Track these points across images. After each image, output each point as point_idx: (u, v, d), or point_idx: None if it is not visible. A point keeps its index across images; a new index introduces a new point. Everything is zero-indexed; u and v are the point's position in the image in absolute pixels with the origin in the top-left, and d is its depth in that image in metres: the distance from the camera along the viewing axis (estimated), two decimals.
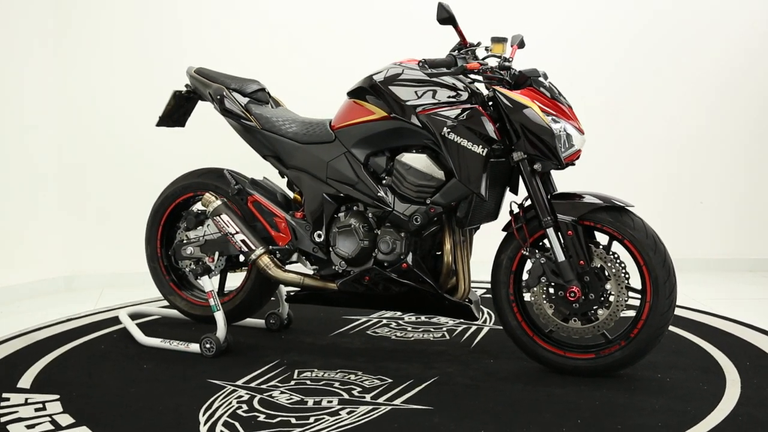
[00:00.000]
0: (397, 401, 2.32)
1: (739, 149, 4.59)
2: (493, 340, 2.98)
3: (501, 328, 2.70)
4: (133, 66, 4.16)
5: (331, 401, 2.32)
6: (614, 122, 4.55)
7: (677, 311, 3.27)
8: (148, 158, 4.13)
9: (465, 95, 2.53)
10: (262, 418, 2.20)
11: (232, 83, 2.86)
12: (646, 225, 2.45)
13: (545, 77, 2.55)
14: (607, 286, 2.46)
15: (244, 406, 2.28)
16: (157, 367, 2.66)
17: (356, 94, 2.67)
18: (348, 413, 2.22)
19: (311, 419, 2.18)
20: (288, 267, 2.82)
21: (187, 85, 2.99)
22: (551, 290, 2.50)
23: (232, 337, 2.83)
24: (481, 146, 2.45)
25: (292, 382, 2.49)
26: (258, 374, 2.57)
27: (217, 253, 2.86)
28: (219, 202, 2.78)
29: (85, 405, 2.31)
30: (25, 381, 2.51)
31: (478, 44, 2.62)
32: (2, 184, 3.87)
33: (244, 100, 2.84)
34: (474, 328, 3.14)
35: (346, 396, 2.36)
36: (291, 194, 2.90)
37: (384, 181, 2.63)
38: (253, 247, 2.74)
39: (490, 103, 2.54)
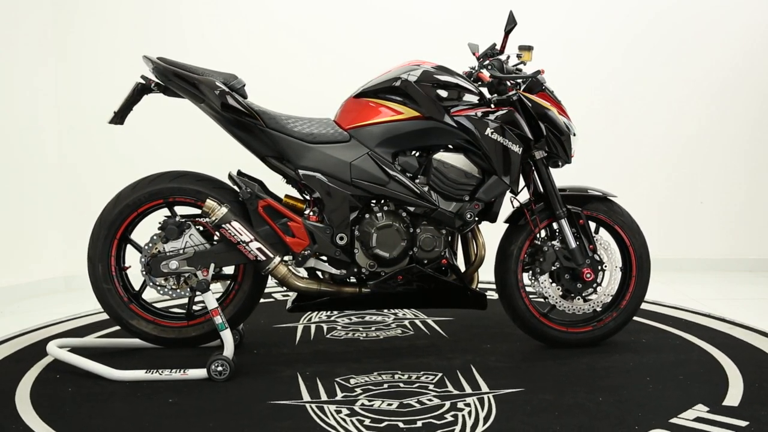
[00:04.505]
0: (483, 389, 2.36)
1: (739, 149, 4.60)
2: (455, 328, 3.14)
3: (445, 318, 2.95)
4: (135, 66, 4.15)
5: (431, 399, 2.27)
6: (614, 122, 4.56)
7: (676, 312, 3.38)
8: (148, 158, 4.12)
9: (477, 98, 2.70)
10: (401, 425, 2.08)
11: (217, 78, 2.58)
12: (629, 213, 2.85)
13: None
14: (605, 267, 2.79)
15: (365, 420, 2.12)
16: (184, 400, 2.30)
17: (372, 93, 2.66)
18: (466, 405, 2.22)
19: (448, 418, 2.13)
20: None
21: (144, 77, 2.65)
22: (559, 273, 2.76)
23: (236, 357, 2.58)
24: (518, 145, 2.66)
25: (359, 390, 2.36)
26: (306, 390, 2.37)
27: (212, 265, 2.57)
28: (225, 209, 2.53)
29: None
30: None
31: (500, 52, 2.80)
32: (2, 185, 3.88)
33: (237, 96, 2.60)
34: (418, 321, 3.25)
35: (432, 394, 2.33)
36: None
37: (417, 180, 2.66)
38: (271, 255, 2.56)
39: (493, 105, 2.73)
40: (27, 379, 2.51)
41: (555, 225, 2.80)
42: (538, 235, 2.78)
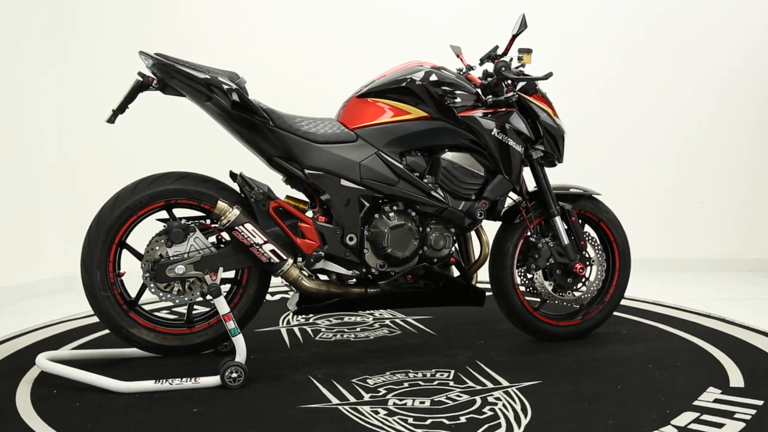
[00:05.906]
0: (504, 383, 2.39)
1: (739, 149, 4.60)
2: (439, 325, 3.17)
3: (421, 315, 3.03)
4: (135, 65, 4.15)
5: (459, 396, 2.28)
6: (614, 122, 4.56)
7: (677, 313, 3.38)
8: (148, 159, 4.13)
9: (476, 98, 2.73)
10: (446, 422, 2.07)
11: (222, 75, 2.49)
12: (611, 210, 2.98)
13: None
14: (593, 261, 2.90)
15: (408, 418, 2.11)
16: (209, 410, 2.19)
17: (376, 93, 2.66)
18: (497, 399, 2.24)
19: (487, 412, 2.14)
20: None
21: (141, 74, 2.55)
22: (551, 269, 2.84)
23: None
24: (521, 145, 2.74)
25: (383, 390, 2.34)
26: (330, 392, 2.33)
27: (221, 269, 2.49)
28: (238, 211, 2.46)
29: None
30: None
31: (501, 55, 2.83)
32: (2, 185, 3.87)
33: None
34: (399, 320, 3.27)
35: (458, 390, 2.33)
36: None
37: (425, 180, 2.67)
38: (284, 257, 2.51)
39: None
40: (25, 386, 2.40)
41: (543, 223, 2.87)
42: (530, 233, 2.85)
